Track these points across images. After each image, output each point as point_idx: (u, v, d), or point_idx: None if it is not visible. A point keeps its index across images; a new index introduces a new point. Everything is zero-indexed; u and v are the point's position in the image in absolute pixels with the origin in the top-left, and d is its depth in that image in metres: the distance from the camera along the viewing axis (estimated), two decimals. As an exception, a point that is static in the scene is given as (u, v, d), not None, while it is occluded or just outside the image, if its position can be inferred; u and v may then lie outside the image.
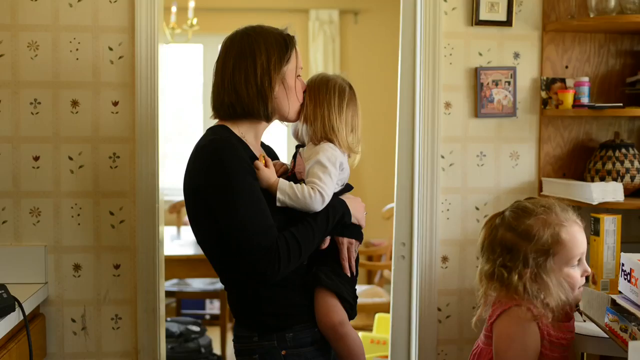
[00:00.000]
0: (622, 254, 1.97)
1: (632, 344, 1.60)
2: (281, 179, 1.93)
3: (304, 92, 2.04)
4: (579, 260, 1.91)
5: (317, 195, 1.91)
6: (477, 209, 2.72)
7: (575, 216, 1.94)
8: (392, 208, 2.77)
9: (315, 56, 6.08)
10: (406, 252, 2.72)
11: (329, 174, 1.95)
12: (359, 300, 4.99)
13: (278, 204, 1.91)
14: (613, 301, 1.91)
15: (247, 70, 1.90)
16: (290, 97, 1.97)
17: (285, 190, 1.90)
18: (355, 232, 2.06)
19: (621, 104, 2.60)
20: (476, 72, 2.68)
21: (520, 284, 1.87)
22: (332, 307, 1.96)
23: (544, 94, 2.71)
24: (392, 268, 2.75)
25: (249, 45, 1.92)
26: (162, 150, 2.62)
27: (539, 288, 1.86)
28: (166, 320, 4.08)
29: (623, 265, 1.93)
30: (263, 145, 2.15)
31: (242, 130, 1.97)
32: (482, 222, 2.69)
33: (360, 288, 5.05)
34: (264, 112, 1.93)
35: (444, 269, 2.71)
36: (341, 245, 2.02)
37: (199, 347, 3.94)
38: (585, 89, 2.65)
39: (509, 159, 2.72)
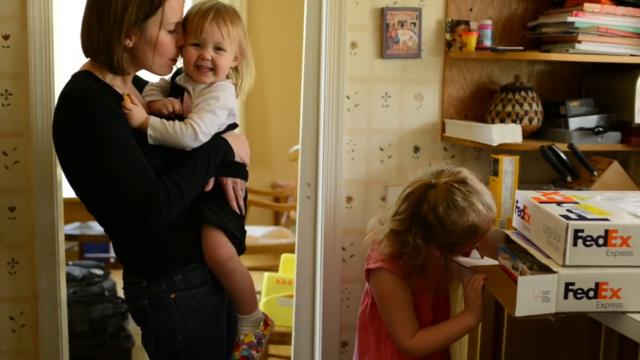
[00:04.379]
0: (517, 191, 2.03)
1: (521, 279, 1.67)
2: (152, 116, 1.85)
3: (181, 46, 1.91)
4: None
5: (189, 130, 1.83)
6: (382, 149, 2.74)
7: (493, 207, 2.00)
8: (299, 150, 2.76)
9: (222, -6, 5.93)
10: (311, 193, 2.73)
11: (213, 114, 1.87)
12: (266, 242, 5.04)
13: (150, 142, 1.83)
14: (507, 237, 1.98)
15: (102, 18, 1.79)
16: (149, 52, 1.85)
17: (156, 127, 1.83)
18: (240, 171, 2.01)
19: (522, 48, 2.66)
20: (382, 13, 2.66)
21: (422, 262, 1.96)
22: (220, 243, 1.93)
23: (448, 36, 2.73)
24: (297, 208, 2.76)
25: None
26: (59, 88, 2.51)
27: (432, 268, 2.01)
28: (68, 264, 3.97)
29: (517, 202, 2.00)
30: (140, 81, 2.06)
31: (106, 76, 1.87)
32: (387, 162, 2.73)
33: (266, 229, 5.07)
34: (108, 64, 1.83)
35: (349, 209, 2.74)
36: (226, 185, 1.97)
37: (103, 291, 3.86)
38: (488, 32, 2.68)
39: (413, 100, 2.75)
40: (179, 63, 1.99)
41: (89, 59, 1.89)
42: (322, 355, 2.78)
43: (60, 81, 2.47)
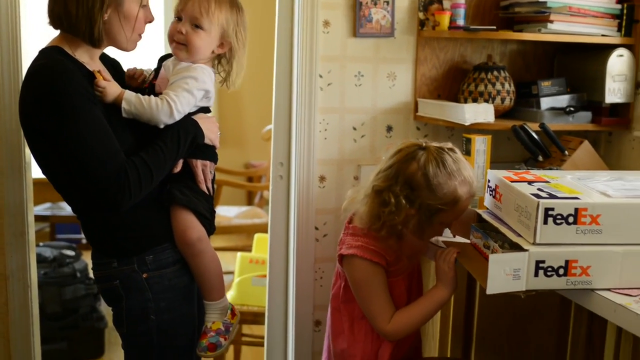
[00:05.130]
0: (489, 170, 2.04)
1: (492, 257, 1.68)
2: (127, 90, 1.84)
3: (150, 22, 1.91)
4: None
5: (164, 106, 1.82)
6: (355, 129, 2.74)
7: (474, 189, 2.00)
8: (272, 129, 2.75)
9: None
10: (284, 172, 2.72)
11: (189, 94, 1.87)
12: (239, 222, 5.02)
13: (124, 115, 1.81)
14: (478, 216, 1.99)
15: None
16: (126, 27, 1.83)
17: (131, 101, 1.81)
18: (209, 153, 2.00)
19: (494, 27, 2.66)
20: (355, -9, 2.65)
21: (400, 224, 1.93)
22: (190, 224, 1.92)
23: (421, 15, 2.73)
24: (270, 188, 2.75)
25: None
26: (27, 65, 2.46)
27: (412, 234, 1.97)
28: (38, 245, 3.93)
29: (489, 181, 2.01)
30: (107, 58, 2.02)
31: (75, 51, 1.83)
32: (360, 142, 2.72)
33: (239, 209, 5.06)
34: (89, 36, 1.79)
35: (322, 189, 2.74)
36: (195, 168, 1.96)
37: (74, 272, 3.83)
38: (461, 11, 2.68)
39: (386, 80, 2.74)
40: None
41: (58, 31, 1.84)
42: (295, 334, 2.79)
43: (27, 57, 2.43)
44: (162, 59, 2.01)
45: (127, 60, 2.10)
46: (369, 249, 1.99)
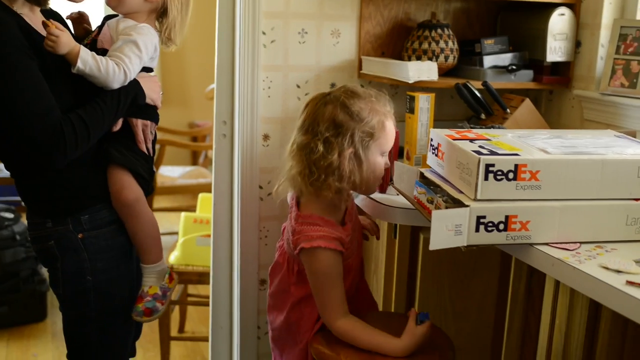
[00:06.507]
0: (431, 130, 2.04)
1: (434, 214, 1.69)
2: (83, 47, 1.79)
3: None
4: (387, 152, 2.01)
5: (121, 73, 1.80)
6: (298, 86, 2.71)
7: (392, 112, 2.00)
8: (214, 87, 2.71)
9: None
10: (227, 131, 2.69)
11: (139, 58, 1.85)
12: (184, 182, 4.97)
13: (73, 71, 1.77)
14: (422, 174, 2.00)
15: None
16: None
17: (87, 61, 1.76)
18: (151, 113, 1.98)
19: (438, -16, 2.65)
20: (298, -54, 2.61)
21: (335, 162, 1.88)
22: (127, 184, 1.89)
23: (365, -29, 2.70)
24: (214, 147, 2.72)
25: None
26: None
27: (351, 169, 1.90)
28: (-25, 208, 3.84)
29: (432, 140, 2.01)
30: (47, 10, 1.94)
31: (14, 3, 1.75)
32: (304, 99, 2.70)
33: (184, 169, 5.01)
34: None
35: (265, 147, 2.72)
36: (136, 127, 1.93)
37: (14, 235, 3.76)
38: (405, -32, 2.66)
39: (330, 37, 2.71)
40: None
41: None
42: (240, 293, 2.79)
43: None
44: (107, 18, 1.96)
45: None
46: (331, 237, 1.91)
